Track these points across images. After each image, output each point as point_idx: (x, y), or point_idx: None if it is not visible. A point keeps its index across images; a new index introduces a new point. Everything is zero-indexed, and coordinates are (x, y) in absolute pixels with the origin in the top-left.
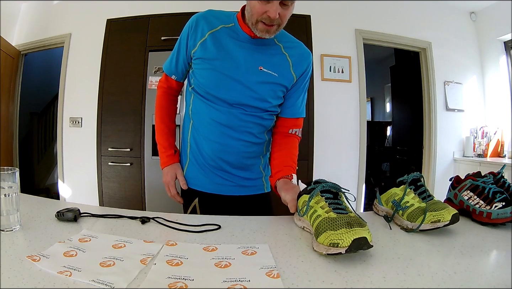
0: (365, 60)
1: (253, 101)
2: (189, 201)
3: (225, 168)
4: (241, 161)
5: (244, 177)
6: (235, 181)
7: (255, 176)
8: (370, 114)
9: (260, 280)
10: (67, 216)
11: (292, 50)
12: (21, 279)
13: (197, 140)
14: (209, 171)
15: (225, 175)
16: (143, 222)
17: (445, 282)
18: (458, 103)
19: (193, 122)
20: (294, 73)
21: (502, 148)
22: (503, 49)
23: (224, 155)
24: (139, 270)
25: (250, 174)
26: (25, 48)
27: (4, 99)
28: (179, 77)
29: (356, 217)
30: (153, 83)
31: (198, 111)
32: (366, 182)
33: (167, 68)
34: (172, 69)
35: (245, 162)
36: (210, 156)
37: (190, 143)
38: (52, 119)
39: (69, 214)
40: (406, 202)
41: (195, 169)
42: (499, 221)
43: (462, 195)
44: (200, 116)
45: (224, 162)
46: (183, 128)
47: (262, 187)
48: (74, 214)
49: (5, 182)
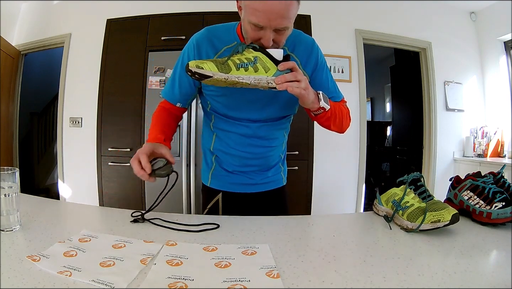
0: (365, 60)
1: (275, 113)
2: (210, 197)
3: (250, 171)
4: (265, 163)
5: (266, 176)
6: (258, 180)
7: (275, 172)
8: (370, 114)
9: (260, 280)
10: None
11: (296, 47)
12: (21, 279)
13: (222, 149)
14: (234, 175)
15: (249, 177)
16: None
17: (445, 282)
18: (458, 103)
19: (216, 134)
20: (306, 72)
21: (502, 148)
22: (503, 49)
23: (250, 161)
24: (139, 270)
25: (271, 171)
26: (25, 48)
27: (4, 99)
28: (184, 104)
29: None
30: (153, 83)
31: (221, 127)
32: (366, 182)
33: (169, 95)
34: (176, 96)
35: (268, 164)
36: (236, 163)
37: (214, 152)
38: (52, 119)
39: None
40: (406, 202)
41: (220, 173)
42: (499, 221)
43: (462, 195)
44: (224, 131)
45: (249, 166)
46: (204, 138)
47: (281, 181)
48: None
49: (5, 182)
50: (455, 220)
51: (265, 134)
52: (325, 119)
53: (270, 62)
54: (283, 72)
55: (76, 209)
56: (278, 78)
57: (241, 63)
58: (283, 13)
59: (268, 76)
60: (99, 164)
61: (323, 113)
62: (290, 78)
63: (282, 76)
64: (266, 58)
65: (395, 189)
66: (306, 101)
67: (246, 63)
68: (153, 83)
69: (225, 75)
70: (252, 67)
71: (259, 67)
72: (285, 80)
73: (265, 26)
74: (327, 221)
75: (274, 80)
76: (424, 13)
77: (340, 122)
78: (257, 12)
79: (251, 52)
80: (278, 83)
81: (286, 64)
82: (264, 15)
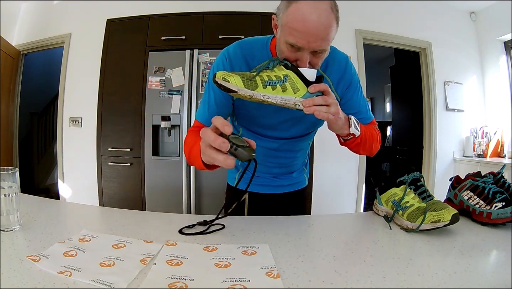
0: (365, 60)
1: (302, 131)
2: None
3: (275, 177)
4: (290, 169)
5: (291, 177)
6: (283, 182)
7: (298, 174)
8: None
9: (260, 280)
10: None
11: (329, 66)
12: (21, 279)
13: None
14: (260, 178)
15: (275, 181)
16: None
17: (445, 282)
18: (458, 103)
19: None
20: (338, 93)
21: (502, 148)
22: (503, 49)
23: (275, 169)
24: (139, 270)
25: (295, 174)
26: (25, 48)
27: (4, 99)
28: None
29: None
30: (153, 83)
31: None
32: (366, 182)
33: (204, 117)
34: (212, 114)
35: (293, 169)
36: (262, 170)
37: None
38: (52, 119)
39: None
40: (406, 202)
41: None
42: (499, 221)
43: (462, 195)
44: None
45: (275, 173)
46: None
47: (304, 182)
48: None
49: (5, 182)
50: (455, 220)
51: (291, 148)
52: (354, 144)
53: (301, 82)
54: (314, 95)
55: (76, 209)
56: (306, 101)
57: (269, 81)
58: (322, 35)
59: (296, 97)
60: (99, 164)
61: (353, 139)
62: (319, 102)
63: (310, 99)
64: (297, 78)
65: (395, 189)
66: (335, 127)
67: (275, 81)
68: (153, 83)
69: (250, 92)
70: (280, 86)
71: (287, 87)
72: (313, 104)
73: (303, 48)
74: (327, 221)
75: (301, 102)
76: (424, 13)
77: (370, 147)
78: (295, 32)
79: (282, 69)
80: (305, 106)
81: (318, 87)
82: (303, 36)
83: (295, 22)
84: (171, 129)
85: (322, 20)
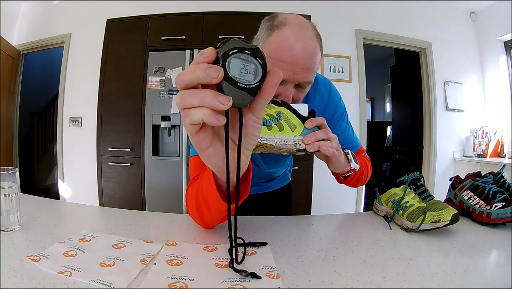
0: (365, 60)
1: (290, 161)
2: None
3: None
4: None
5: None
6: (268, 185)
7: (282, 173)
8: (370, 114)
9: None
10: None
11: (310, 96)
12: (21, 279)
13: None
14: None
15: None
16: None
17: (445, 282)
18: (458, 103)
19: None
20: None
21: (502, 148)
22: (503, 49)
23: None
24: (139, 270)
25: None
26: (25, 48)
27: (4, 99)
28: None
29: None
30: (153, 83)
31: None
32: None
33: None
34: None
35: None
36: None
37: None
38: (52, 119)
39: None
40: (406, 202)
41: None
42: (499, 221)
43: (462, 195)
44: None
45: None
46: None
47: (287, 178)
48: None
49: (5, 182)
50: (455, 220)
51: (277, 171)
52: (354, 180)
53: (296, 119)
54: (311, 131)
55: (76, 209)
56: (308, 137)
57: (263, 121)
58: (309, 65)
59: (295, 136)
60: (99, 164)
61: (353, 174)
62: (321, 136)
63: (312, 134)
64: (291, 114)
65: (395, 189)
66: (337, 164)
67: (269, 120)
68: (153, 83)
69: None
70: (276, 125)
71: (284, 125)
72: (316, 140)
73: (287, 80)
74: (327, 221)
75: (302, 140)
76: (424, 13)
77: (365, 179)
78: (279, 63)
79: (272, 107)
80: (307, 143)
81: (315, 121)
82: (289, 67)
83: (280, 52)
84: (171, 129)
85: (308, 48)
